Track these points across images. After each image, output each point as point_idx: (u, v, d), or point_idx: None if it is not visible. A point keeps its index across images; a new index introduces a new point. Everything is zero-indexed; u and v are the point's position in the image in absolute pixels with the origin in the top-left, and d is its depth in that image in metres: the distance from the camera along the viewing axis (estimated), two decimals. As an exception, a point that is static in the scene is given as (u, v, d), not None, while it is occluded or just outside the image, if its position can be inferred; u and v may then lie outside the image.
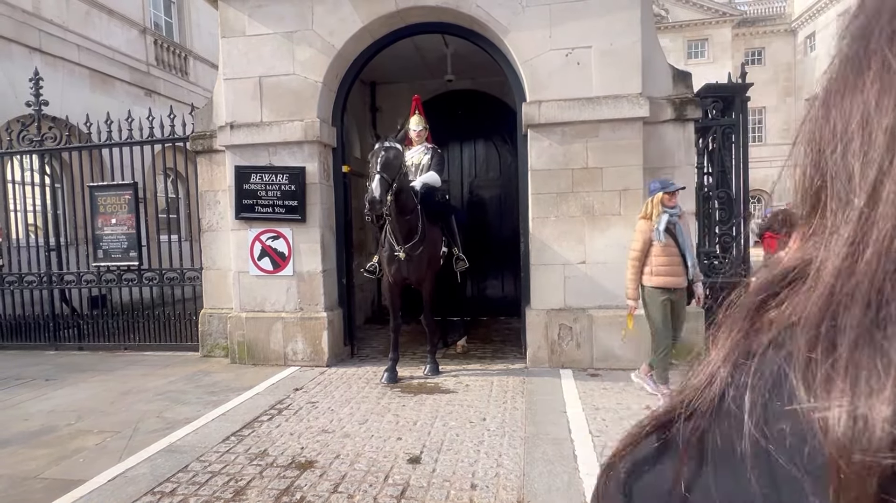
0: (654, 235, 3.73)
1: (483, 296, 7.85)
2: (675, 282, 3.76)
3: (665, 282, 3.75)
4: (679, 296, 3.85)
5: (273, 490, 2.80)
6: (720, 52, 26.11)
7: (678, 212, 3.79)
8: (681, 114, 4.99)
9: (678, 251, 3.76)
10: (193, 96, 11.43)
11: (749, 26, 27.63)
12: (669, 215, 3.71)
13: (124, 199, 6.22)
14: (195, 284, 6.09)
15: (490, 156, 7.97)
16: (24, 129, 6.56)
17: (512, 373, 4.87)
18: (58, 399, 4.50)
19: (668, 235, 3.72)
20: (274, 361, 5.38)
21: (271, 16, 5.27)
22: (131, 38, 10.76)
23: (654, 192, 3.81)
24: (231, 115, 5.40)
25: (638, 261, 3.81)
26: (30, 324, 6.60)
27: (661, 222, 3.69)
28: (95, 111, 6.92)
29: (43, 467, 3.17)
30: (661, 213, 3.72)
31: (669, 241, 3.73)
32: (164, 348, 6.18)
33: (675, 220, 3.76)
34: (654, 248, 3.75)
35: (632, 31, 4.79)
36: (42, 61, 8.37)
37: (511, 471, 2.94)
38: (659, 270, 3.76)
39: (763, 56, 27.64)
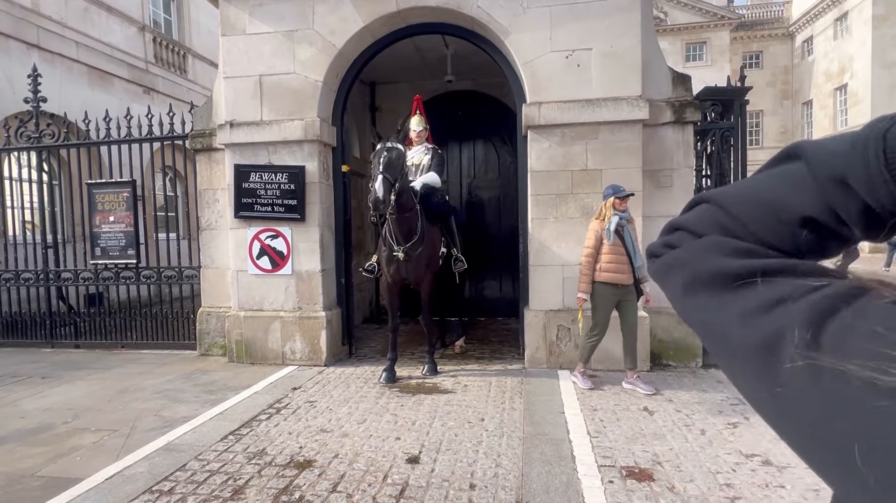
0: (604, 235, 4.13)
1: (481, 296, 7.86)
2: (621, 278, 4.15)
3: (612, 278, 4.15)
4: (626, 294, 4.21)
5: (272, 489, 2.79)
6: (718, 56, 26.21)
7: (627, 216, 4.19)
8: (680, 116, 5.02)
9: (625, 251, 4.14)
10: (192, 94, 11.41)
11: (747, 30, 27.75)
12: (619, 218, 4.10)
13: (122, 196, 6.20)
14: (193, 283, 6.07)
15: (489, 156, 7.98)
16: (23, 126, 6.54)
17: (510, 374, 4.88)
18: (54, 397, 4.48)
19: (616, 236, 4.11)
20: (272, 360, 5.38)
21: (272, 14, 5.26)
22: (130, 36, 10.73)
23: (608, 196, 4.20)
24: (231, 113, 5.39)
25: (590, 258, 4.20)
26: (26, 322, 6.58)
27: (611, 224, 4.09)
28: (94, 108, 6.91)
29: (39, 465, 3.16)
30: (613, 215, 4.12)
31: (618, 241, 4.13)
32: (162, 346, 6.16)
33: (625, 223, 4.14)
34: (603, 247, 4.15)
35: (632, 34, 4.80)
36: (40, 58, 8.34)
37: (510, 472, 2.95)
38: (607, 267, 4.15)
39: (761, 59, 27.76)
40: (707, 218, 0.39)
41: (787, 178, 0.35)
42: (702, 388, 4.32)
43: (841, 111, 23.75)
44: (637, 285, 4.25)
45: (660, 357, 5.03)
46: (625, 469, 2.95)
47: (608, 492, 2.71)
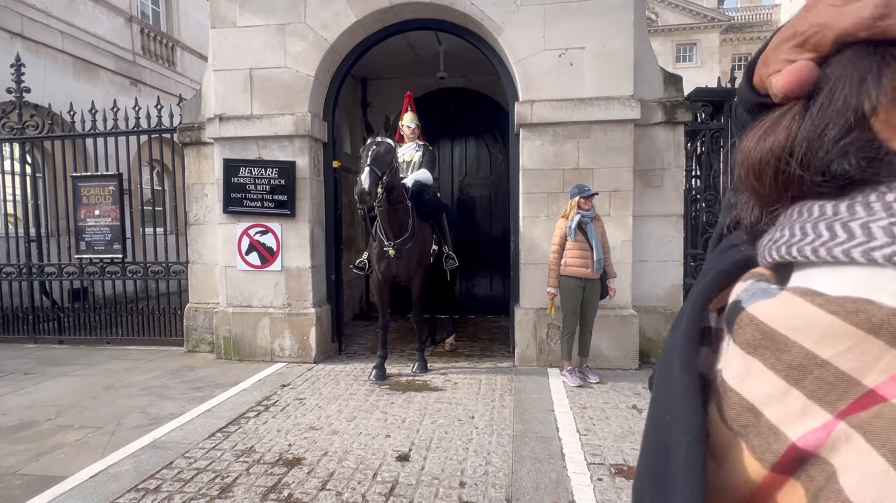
0: (567, 232, 4.32)
1: (471, 294, 7.87)
2: (584, 272, 4.34)
3: (576, 272, 4.35)
4: (590, 288, 4.40)
5: (260, 487, 2.77)
6: (708, 57, 26.48)
7: (591, 214, 4.38)
8: (671, 117, 5.05)
9: (589, 247, 4.33)
10: (180, 87, 11.25)
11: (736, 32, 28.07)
12: (582, 216, 4.31)
13: (108, 190, 6.10)
14: (180, 278, 6.00)
15: (481, 154, 7.97)
16: (5, 117, 6.40)
17: (500, 372, 4.89)
18: (37, 393, 4.40)
19: (580, 233, 4.31)
20: (260, 357, 5.33)
21: (263, 7, 5.20)
22: (117, 26, 10.54)
23: (574, 195, 4.38)
24: (220, 107, 5.32)
25: (556, 255, 4.41)
26: (8, 317, 6.45)
27: (573, 221, 4.29)
28: (79, 100, 6.78)
29: (22, 463, 3.10)
30: (576, 214, 4.31)
31: (581, 237, 4.32)
32: (148, 342, 6.08)
33: (588, 220, 4.34)
34: (567, 243, 4.35)
35: (624, 34, 4.82)
36: (24, 47, 8.16)
37: (500, 469, 2.95)
38: (571, 262, 4.35)
39: (749, 62, 28.09)
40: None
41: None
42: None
43: (827, 114, 24.06)
44: (603, 281, 4.45)
45: (649, 355, 5.07)
46: (614, 467, 2.97)
47: (597, 489, 2.72)
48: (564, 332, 4.50)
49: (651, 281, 5.13)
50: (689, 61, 26.55)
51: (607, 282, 4.49)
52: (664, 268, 5.15)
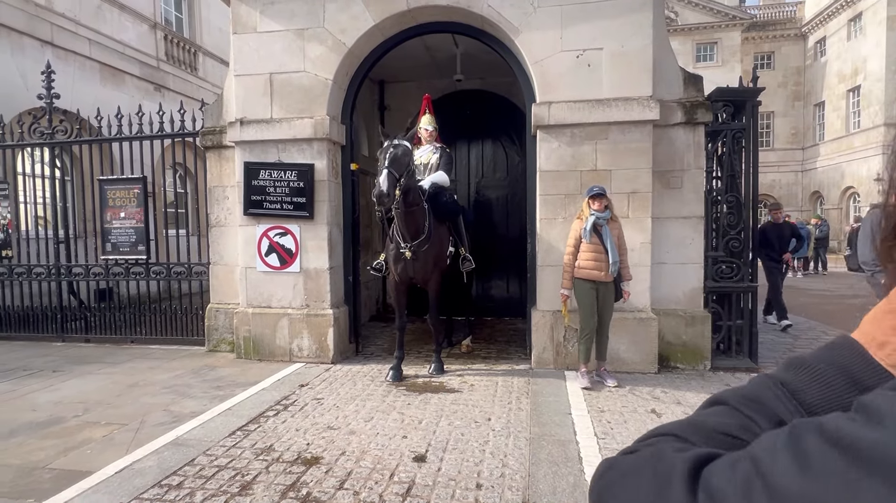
0: (582, 233, 4.28)
1: (488, 296, 7.86)
2: (599, 275, 4.29)
3: (589, 274, 4.31)
4: (604, 291, 4.35)
5: (279, 485, 2.81)
6: (729, 56, 25.99)
7: (607, 216, 4.32)
8: (691, 117, 4.98)
9: (603, 249, 4.28)
10: (202, 92, 11.49)
11: (759, 30, 27.49)
12: (596, 217, 4.25)
13: (133, 192, 6.25)
14: (202, 279, 6.12)
15: (497, 156, 7.96)
16: (36, 122, 6.61)
17: (517, 374, 4.87)
18: (65, 390, 4.53)
19: (594, 235, 4.26)
20: (279, 357, 5.40)
21: (283, 12, 5.28)
22: (142, 33, 10.82)
23: (586, 197, 4.37)
24: (241, 111, 5.42)
25: (570, 257, 4.37)
26: (38, 316, 6.65)
27: (587, 223, 4.25)
28: (106, 105, 6.96)
29: (51, 457, 3.20)
30: (590, 215, 4.27)
31: (595, 239, 4.27)
32: (171, 342, 6.21)
33: (602, 222, 4.28)
34: (582, 245, 4.31)
35: (643, 34, 4.77)
36: (53, 54, 8.43)
37: (516, 472, 2.94)
38: (585, 265, 4.31)
39: (772, 60, 27.48)
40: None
41: (714, 413, 0.46)
42: (710, 391, 4.29)
43: (853, 113, 23.46)
44: (617, 283, 4.39)
45: (668, 359, 5.00)
46: (632, 471, 2.94)
47: (615, 493, 2.69)
48: (582, 334, 4.45)
49: (670, 283, 5.06)
50: (710, 60, 26.11)
51: (621, 285, 4.44)
52: (683, 270, 5.07)
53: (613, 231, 4.36)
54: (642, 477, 0.41)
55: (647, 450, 0.44)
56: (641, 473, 0.41)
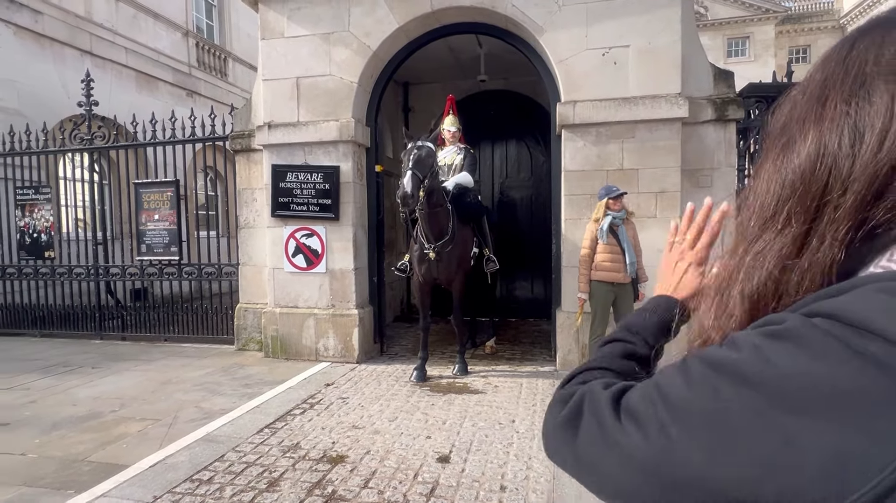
0: (598, 234, 4.21)
1: (513, 297, 7.81)
2: (616, 277, 4.21)
3: (607, 276, 4.22)
4: (622, 291, 4.25)
5: (305, 483, 2.85)
6: (762, 50, 25.22)
7: (622, 215, 4.25)
8: (722, 114, 4.85)
9: (620, 250, 4.20)
10: (232, 97, 11.78)
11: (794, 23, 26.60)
12: (612, 218, 4.19)
13: (166, 195, 6.45)
14: (231, 279, 6.27)
15: (522, 156, 7.92)
16: (76, 129, 6.89)
17: (541, 376, 4.83)
18: (103, 386, 4.71)
19: (611, 235, 4.19)
20: (306, 356, 5.49)
21: (309, 17, 5.37)
22: (175, 41, 11.16)
23: (602, 197, 4.27)
24: (269, 115, 5.53)
25: (586, 259, 4.29)
26: (77, 314, 6.93)
27: (604, 223, 4.18)
28: (141, 111, 7.22)
29: (90, 451, 3.33)
30: (605, 215, 4.20)
31: (612, 240, 4.20)
32: (202, 340, 6.39)
33: (619, 222, 4.22)
34: (598, 246, 4.24)
35: (671, 30, 4.67)
36: (92, 63, 8.78)
37: (541, 475, 2.92)
38: (602, 266, 4.23)
39: (809, 54, 26.57)
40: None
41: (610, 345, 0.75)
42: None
43: None
44: (635, 285, 4.32)
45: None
46: (660, 476, 2.87)
47: (643, 499, 2.64)
48: (592, 337, 4.36)
49: (700, 285, 4.93)
50: (742, 56, 25.39)
51: (638, 286, 4.35)
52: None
53: (629, 231, 4.28)
54: (586, 415, 0.52)
55: (580, 389, 0.56)
56: (580, 414, 0.53)
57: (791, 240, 0.45)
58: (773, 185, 0.47)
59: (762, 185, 0.48)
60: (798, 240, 0.45)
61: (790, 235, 0.45)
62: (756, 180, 0.50)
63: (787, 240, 0.45)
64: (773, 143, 0.49)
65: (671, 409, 0.42)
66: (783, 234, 0.46)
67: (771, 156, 0.49)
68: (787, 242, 0.45)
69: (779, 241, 0.46)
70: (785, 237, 0.46)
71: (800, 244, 0.45)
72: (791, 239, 0.45)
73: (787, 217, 0.46)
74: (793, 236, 0.45)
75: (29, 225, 7.05)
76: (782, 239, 0.46)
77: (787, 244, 0.45)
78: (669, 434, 0.41)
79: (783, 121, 0.49)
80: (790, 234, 0.45)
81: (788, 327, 0.38)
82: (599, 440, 0.48)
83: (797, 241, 0.45)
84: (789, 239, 0.45)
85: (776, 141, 0.49)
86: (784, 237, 0.46)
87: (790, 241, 0.45)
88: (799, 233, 0.45)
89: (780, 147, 0.48)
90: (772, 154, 0.49)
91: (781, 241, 0.46)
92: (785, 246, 0.45)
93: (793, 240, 0.45)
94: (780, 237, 0.46)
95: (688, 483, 0.40)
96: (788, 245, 0.45)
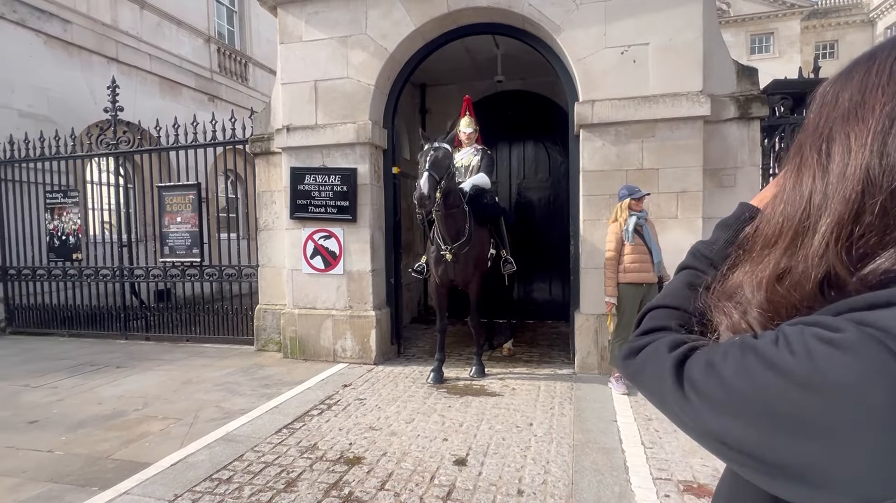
0: (623, 236, 4.15)
1: (530, 298, 7.75)
2: (645, 277, 4.16)
3: (636, 277, 4.16)
4: (650, 293, 4.18)
5: (323, 484, 2.86)
6: (787, 46, 24.62)
7: (645, 215, 4.23)
8: (745, 112, 4.74)
9: (647, 250, 4.16)
10: (252, 100, 11.97)
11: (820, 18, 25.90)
12: (637, 218, 4.14)
13: (188, 198, 6.58)
14: (251, 281, 6.35)
15: (539, 157, 7.86)
16: (102, 134, 7.07)
17: (559, 379, 4.77)
18: (127, 385, 4.81)
19: (636, 236, 4.14)
20: (324, 357, 5.53)
21: (327, 21, 5.42)
22: (197, 47, 11.39)
23: (623, 198, 4.22)
24: (287, 118, 5.59)
25: (612, 261, 4.22)
26: (103, 315, 7.11)
27: (629, 224, 4.12)
28: (164, 115, 7.39)
29: (114, 449, 3.39)
30: (630, 216, 4.14)
31: (638, 240, 4.15)
32: (222, 341, 6.49)
33: (643, 222, 4.18)
34: (625, 248, 4.17)
35: (693, 26, 4.58)
36: (118, 70, 9.01)
37: (559, 479, 2.88)
38: (630, 268, 4.16)
39: (836, 49, 25.84)
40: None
41: (682, 275, 0.76)
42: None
43: (930, 103, 21.62)
44: (660, 283, 4.26)
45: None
46: (682, 483, 2.81)
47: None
48: (616, 339, 4.30)
49: (723, 287, 4.82)
50: (766, 52, 24.80)
51: (665, 286, 4.25)
52: (738, 273, 4.81)
53: (651, 230, 4.24)
54: (649, 371, 0.59)
55: (650, 346, 0.62)
56: (647, 368, 0.60)
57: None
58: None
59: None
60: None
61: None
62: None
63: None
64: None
65: (726, 392, 0.47)
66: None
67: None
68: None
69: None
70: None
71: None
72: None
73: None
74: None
75: (58, 228, 7.26)
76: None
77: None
78: (726, 413, 0.47)
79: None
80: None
81: (845, 339, 0.41)
82: (661, 399, 0.56)
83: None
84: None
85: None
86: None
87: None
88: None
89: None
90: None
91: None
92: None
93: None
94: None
95: (749, 454, 0.46)
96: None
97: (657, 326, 0.67)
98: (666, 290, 0.75)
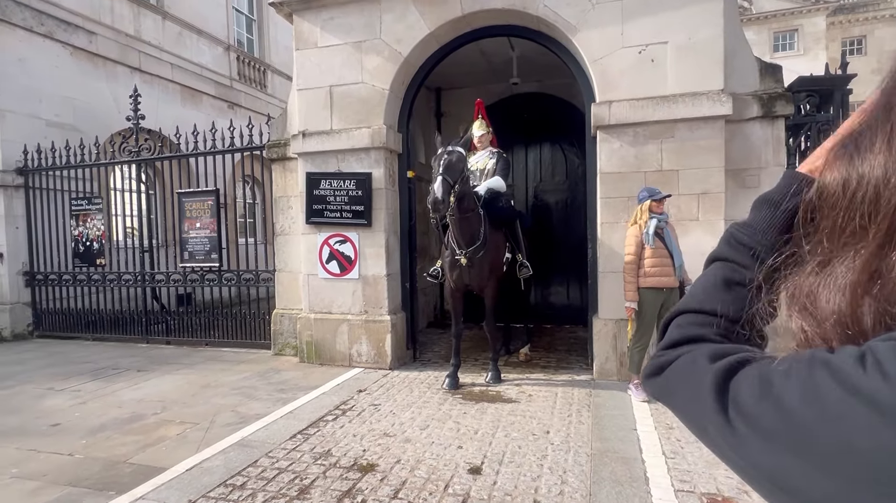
0: (644, 239, 4.04)
1: (547, 303, 7.65)
2: (666, 281, 4.05)
3: (657, 282, 4.06)
4: (670, 297, 4.08)
5: (336, 491, 2.84)
6: (812, 43, 23.99)
7: (665, 217, 4.13)
8: (769, 110, 4.59)
9: (668, 253, 4.05)
10: (270, 107, 12.12)
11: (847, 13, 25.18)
12: (658, 220, 4.04)
13: (207, 204, 6.67)
14: (269, 285, 6.40)
15: (556, 159, 7.77)
16: (125, 141, 7.23)
17: (577, 385, 4.68)
18: (147, 389, 4.88)
19: (657, 239, 4.03)
20: (339, 362, 5.53)
21: (342, 27, 5.45)
22: (217, 56, 11.59)
23: (643, 200, 4.12)
24: (303, 123, 5.63)
25: (632, 265, 4.11)
26: (126, 319, 7.25)
27: (650, 227, 4.02)
28: (184, 123, 7.51)
29: (132, 453, 3.43)
30: (650, 218, 4.03)
31: (659, 244, 4.04)
32: (240, 345, 6.54)
33: (663, 224, 4.08)
34: (645, 251, 4.07)
35: (713, 24, 4.47)
36: (140, 79, 9.21)
37: (576, 490, 2.80)
38: (651, 272, 4.06)
39: (864, 45, 25.07)
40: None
41: (715, 268, 0.60)
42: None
43: (966, 98, 20.81)
44: (682, 288, 4.12)
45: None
46: (706, 496, 2.71)
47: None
48: (636, 345, 4.21)
49: (747, 291, 4.67)
50: (790, 49, 24.21)
51: (686, 290, 4.14)
52: (763, 276, 4.66)
53: (672, 233, 4.13)
54: (680, 391, 0.50)
55: (681, 360, 0.52)
56: (678, 388, 0.51)
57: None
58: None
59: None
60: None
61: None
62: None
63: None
64: None
65: (787, 422, 0.37)
66: None
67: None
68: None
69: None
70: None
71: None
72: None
73: None
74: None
75: (82, 234, 7.43)
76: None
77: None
78: (784, 448, 0.37)
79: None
80: None
81: None
82: (700, 427, 0.46)
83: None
84: None
85: None
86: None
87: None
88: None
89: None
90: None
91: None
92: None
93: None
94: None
95: (796, 491, 0.38)
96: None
97: (688, 336, 0.55)
98: (695, 290, 0.60)
